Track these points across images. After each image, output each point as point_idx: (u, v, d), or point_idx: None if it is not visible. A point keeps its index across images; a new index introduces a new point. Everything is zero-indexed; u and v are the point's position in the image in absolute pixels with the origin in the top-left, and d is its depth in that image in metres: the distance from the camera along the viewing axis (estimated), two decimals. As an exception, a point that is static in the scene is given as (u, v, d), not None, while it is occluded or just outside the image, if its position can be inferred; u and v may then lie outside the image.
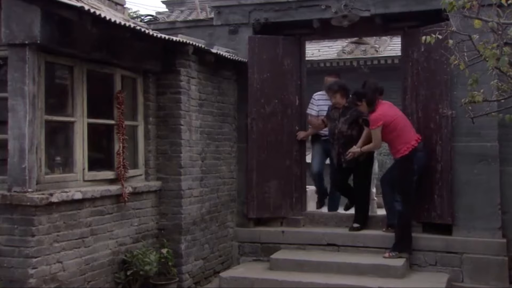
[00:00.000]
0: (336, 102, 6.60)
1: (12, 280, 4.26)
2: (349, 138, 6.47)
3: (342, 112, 6.56)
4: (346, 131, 6.50)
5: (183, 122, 5.91)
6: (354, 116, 6.47)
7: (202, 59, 6.24)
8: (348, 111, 6.51)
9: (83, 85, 5.02)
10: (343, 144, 6.49)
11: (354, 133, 6.48)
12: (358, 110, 6.31)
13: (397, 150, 6.00)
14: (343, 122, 6.53)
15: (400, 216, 6.04)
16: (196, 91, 6.19)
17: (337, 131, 6.55)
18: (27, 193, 4.30)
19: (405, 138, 5.97)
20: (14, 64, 4.38)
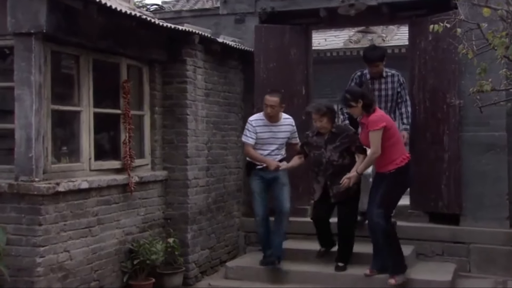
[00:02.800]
0: (322, 127, 5.58)
1: (20, 269, 4.28)
2: (339, 168, 5.51)
3: (328, 139, 5.59)
4: (337, 161, 5.55)
5: (189, 112, 5.90)
6: (346, 143, 5.56)
7: (208, 49, 6.22)
8: (337, 137, 5.57)
9: (89, 75, 5.01)
10: (332, 175, 5.54)
11: (346, 162, 5.55)
12: (350, 136, 5.58)
13: (392, 160, 5.20)
14: (333, 150, 5.55)
15: (387, 234, 5.27)
16: (202, 81, 6.17)
17: (325, 161, 5.57)
18: (34, 182, 4.31)
19: (401, 148, 5.34)
20: (20, 53, 4.37)
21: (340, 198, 5.57)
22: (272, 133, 5.87)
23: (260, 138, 5.85)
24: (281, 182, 5.86)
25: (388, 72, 6.18)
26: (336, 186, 5.49)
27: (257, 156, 5.85)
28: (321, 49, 12.18)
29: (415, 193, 6.52)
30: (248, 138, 5.86)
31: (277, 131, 5.89)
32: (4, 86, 4.74)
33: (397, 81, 6.15)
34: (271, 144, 5.87)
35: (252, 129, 5.85)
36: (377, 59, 6.07)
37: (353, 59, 12.29)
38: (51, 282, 4.38)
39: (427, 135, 6.36)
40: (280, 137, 5.90)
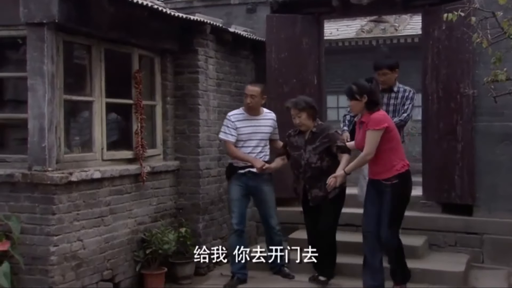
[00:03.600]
0: (301, 124, 5.06)
1: (34, 257, 4.32)
2: (318, 172, 5.05)
3: (308, 139, 5.09)
4: (316, 163, 5.04)
5: (201, 102, 5.90)
6: (326, 144, 5.05)
7: (220, 39, 6.21)
8: (317, 137, 5.05)
9: (101, 65, 5.02)
10: (310, 178, 5.07)
11: (325, 165, 5.05)
12: (330, 135, 5.08)
13: (392, 166, 4.64)
14: (311, 152, 5.06)
15: (399, 249, 4.91)
16: (213, 71, 6.16)
17: (303, 163, 5.07)
18: (47, 172, 4.33)
19: (401, 152, 4.79)
20: (32, 43, 4.37)
21: (319, 201, 5.09)
22: (254, 128, 5.40)
23: (241, 134, 5.35)
24: (267, 197, 5.45)
25: (400, 88, 5.72)
26: (315, 190, 5.07)
27: (240, 155, 5.34)
28: (333, 39, 12.12)
29: (427, 183, 6.48)
30: (227, 135, 5.36)
31: (259, 125, 5.43)
32: (17, 76, 4.77)
33: (406, 96, 5.67)
34: (254, 139, 5.38)
35: (232, 125, 5.35)
36: (384, 66, 5.67)
37: (365, 49, 12.26)
38: (65, 271, 4.41)
39: (440, 125, 6.30)
40: (263, 131, 5.43)
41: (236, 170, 5.38)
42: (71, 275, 4.47)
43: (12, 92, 5.41)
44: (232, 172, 5.43)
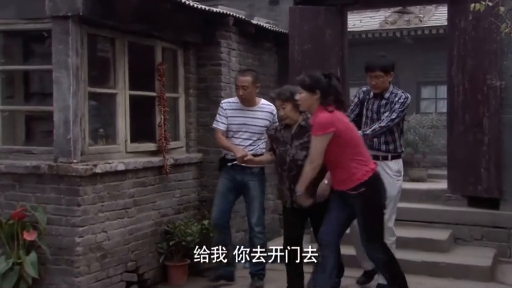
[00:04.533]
0: (286, 116, 4.52)
1: (60, 248, 4.38)
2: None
3: (295, 133, 4.51)
4: (302, 160, 4.36)
5: (223, 94, 5.89)
6: None
7: (243, 31, 6.19)
8: (306, 132, 4.43)
9: (124, 57, 5.04)
10: (295, 177, 4.36)
11: None
12: None
13: (352, 174, 4.03)
14: (298, 147, 4.46)
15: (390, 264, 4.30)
16: (236, 63, 6.15)
17: (288, 159, 4.48)
18: (72, 163, 4.37)
19: (362, 156, 4.11)
20: (57, 36, 4.41)
21: (303, 203, 4.33)
22: (246, 119, 5.04)
23: (231, 124, 5.04)
24: (251, 194, 5.04)
25: (392, 94, 4.81)
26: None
27: (224, 143, 5.06)
28: (356, 31, 11.98)
29: (453, 176, 6.39)
30: (218, 123, 5.09)
31: (253, 117, 5.03)
32: (43, 69, 4.83)
33: (396, 101, 4.76)
34: (245, 132, 5.03)
35: (223, 113, 5.08)
36: (378, 68, 4.73)
37: (389, 40, 12.08)
38: (90, 262, 4.46)
39: (465, 117, 6.20)
40: (255, 124, 5.02)
41: (226, 162, 5.10)
42: (96, 265, 4.52)
43: (37, 85, 5.50)
44: (222, 164, 5.17)
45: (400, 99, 4.76)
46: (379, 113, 4.80)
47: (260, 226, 5.04)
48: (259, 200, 5.08)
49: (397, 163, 4.85)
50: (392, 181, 4.73)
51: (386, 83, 4.79)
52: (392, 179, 4.74)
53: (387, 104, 4.78)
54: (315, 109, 4.13)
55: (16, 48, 5.13)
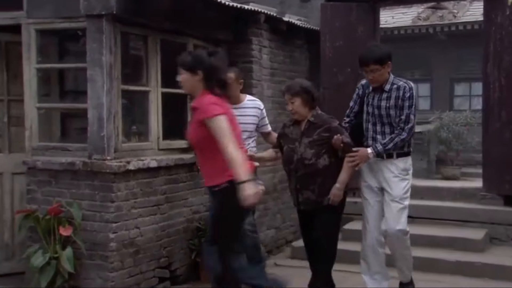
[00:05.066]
0: (295, 112, 4.28)
1: (95, 243, 4.45)
2: (312, 170, 4.19)
3: (305, 130, 4.28)
4: (310, 159, 4.18)
5: (255, 92, 5.89)
6: (325, 138, 4.20)
7: (274, 28, 6.18)
8: (316, 129, 4.23)
9: (157, 55, 5.07)
10: (302, 177, 4.21)
11: (322, 163, 4.18)
12: (333, 129, 4.20)
13: (224, 169, 3.53)
14: (307, 145, 4.21)
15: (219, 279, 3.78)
16: (267, 60, 6.14)
17: (296, 158, 4.24)
18: (106, 160, 4.43)
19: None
20: (92, 35, 4.47)
21: (311, 206, 4.26)
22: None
23: None
24: None
25: (394, 85, 4.34)
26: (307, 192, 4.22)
27: None
28: (388, 27, 11.85)
29: (488, 175, 6.26)
30: None
31: (240, 114, 4.57)
32: (78, 67, 4.90)
33: (401, 96, 4.27)
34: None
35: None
36: (372, 60, 4.23)
37: (421, 37, 11.92)
38: (124, 257, 4.52)
39: (502, 114, 6.07)
40: (244, 122, 4.66)
41: None
42: (129, 261, 4.57)
43: (72, 83, 5.59)
44: None
45: (406, 93, 4.26)
46: (380, 108, 4.35)
47: (252, 225, 4.64)
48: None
49: (404, 161, 4.39)
50: (397, 180, 4.34)
51: (384, 75, 4.31)
52: (397, 177, 4.34)
53: (389, 98, 4.31)
54: (199, 93, 3.66)
55: (52, 47, 5.22)
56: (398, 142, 4.25)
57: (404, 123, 4.24)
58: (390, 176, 4.35)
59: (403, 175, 4.38)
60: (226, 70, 3.82)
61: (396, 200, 4.32)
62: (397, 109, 4.27)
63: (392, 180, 4.34)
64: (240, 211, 3.60)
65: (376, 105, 4.36)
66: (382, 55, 4.28)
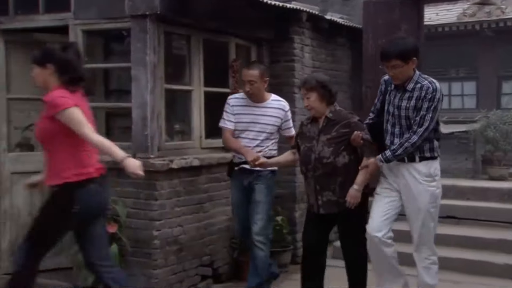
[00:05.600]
0: (310, 107, 4.05)
1: (139, 241, 4.51)
2: (331, 169, 3.96)
3: (323, 127, 4.05)
4: (328, 158, 3.96)
5: (296, 91, 5.84)
6: (344, 135, 3.97)
7: (316, 26, 6.15)
8: (334, 125, 4.01)
9: (199, 55, 5.11)
10: (321, 177, 4.00)
11: (341, 161, 3.96)
12: (353, 124, 3.99)
13: (60, 170, 3.39)
14: (325, 143, 4.00)
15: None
16: (309, 59, 6.11)
17: (314, 157, 4.02)
18: (149, 159, 4.48)
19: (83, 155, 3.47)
20: (136, 35, 4.53)
21: (332, 208, 4.01)
22: (254, 117, 4.53)
23: (239, 122, 4.54)
24: (255, 198, 4.46)
25: (417, 84, 3.88)
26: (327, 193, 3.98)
27: (232, 144, 4.54)
28: (432, 24, 11.61)
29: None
30: (225, 121, 4.58)
31: (261, 114, 4.53)
32: (122, 66, 4.98)
33: (422, 96, 3.83)
34: (252, 130, 4.51)
35: (230, 110, 4.57)
36: (394, 55, 3.83)
37: (467, 34, 11.64)
38: (167, 255, 4.57)
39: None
40: (264, 122, 4.51)
41: (235, 167, 4.55)
42: (172, 259, 4.62)
43: (116, 83, 5.69)
44: (231, 169, 4.61)
45: (427, 95, 3.81)
46: (400, 109, 3.92)
47: (262, 236, 4.42)
48: (264, 206, 4.46)
49: (428, 166, 3.92)
50: (422, 187, 3.90)
51: (407, 72, 3.88)
52: (421, 184, 3.90)
53: (411, 98, 3.87)
54: (51, 87, 3.46)
55: (97, 47, 5.33)
56: (408, 147, 3.83)
57: (418, 125, 3.81)
58: (411, 181, 3.91)
59: (428, 182, 3.92)
60: (80, 64, 3.62)
61: (422, 212, 3.89)
62: (416, 111, 3.85)
63: (418, 188, 3.90)
64: (64, 219, 3.43)
65: (397, 105, 3.95)
66: (406, 49, 3.86)
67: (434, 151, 3.96)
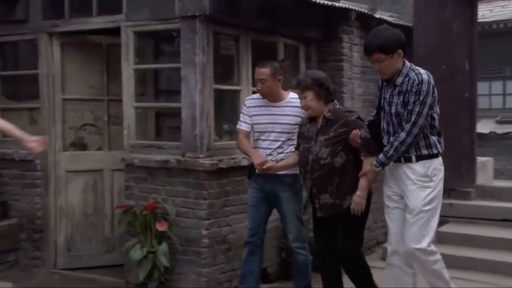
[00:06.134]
0: (307, 107, 3.90)
1: (188, 239, 4.56)
2: (328, 171, 3.79)
3: (321, 127, 3.88)
4: (325, 159, 3.79)
5: (345, 90, 5.82)
6: (342, 134, 3.79)
7: (365, 25, 6.05)
8: (332, 125, 3.83)
9: (248, 55, 5.12)
10: (318, 179, 3.84)
11: (339, 162, 3.78)
12: (351, 123, 3.80)
13: None
14: (322, 144, 3.82)
15: None
16: (358, 58, 6.04)
17: (311, 158, 3.85)
18: (199, 158, 4.52)
19: None
20: (186, 35, 4.58)
21: (329, 211, 3.86)
22: (273, 117, 4.26)
23: (257, 124, 4.30)
24: (284, 207, 4.28)
25: (406, 77, 3.64)
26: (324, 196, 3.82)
27: (243, 147, 4.35)
28: (486, 21, 11.29)
29: None
30: (240, 123, 4.37)
31: (279, 114, 4.26)
32: (172, 67, 5.05)
33: (409, 89, 3.58)
34: (271, 132, 4.25)
35: (246, 111, 4.35)
36: (374, 49, 3.63)
37: (522, 31, 11.28)
38: (216, 254, 4.60)
39: None
40: (283, 122, 4.23)
41: (254, 169, 4.30)
42: (221, 258, 4.65)
43: (166, 83, 5.78)
44: (251, 171, 4.37)
45: (413, 88, 3.55)
46: (391, 105, 3.67)
47: (298, 242, 4.30)
48: (294, 213, 4.29)
49: (427, 165, 3.65)
50: (415, 188, 3.65)
51: (393, 66, 3.63)
52: (415, 185, 3.64)
53: (401, 93, 3.62)
54: None
55: (148, 48, 5.42)
56: (397, 146, 3.57)
57: (406, 121, 3.56)
58: (407, 183, 3.67)
59: (424, 182, 3.65)
60: None
61: (414, 212, 3.64)
62: (405, 106, 3.59)
63: (410, 188, 3.66)
64: None
65: (388, 101, 3.71)
66: (388, 42, 3.60)
67: (432, 147, 3.68)
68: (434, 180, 3.67)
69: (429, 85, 3.57)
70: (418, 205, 3.63)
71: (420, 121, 3.54)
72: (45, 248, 5.44)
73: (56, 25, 5.36)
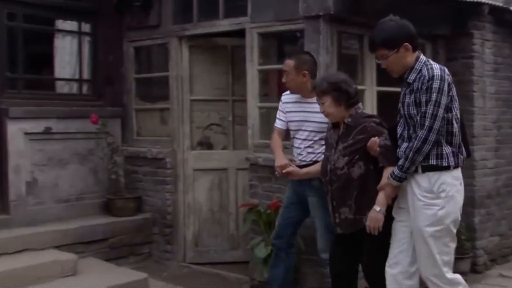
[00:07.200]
0: (327, 113, 3.57)
1: (312, 239, 4.43)
2: (345, 181, 3.44)
3: (342, 134, 3.55)
4: (342, 169, 3.44)
5: (476, 89, 5.52)
6: (360, 142, 3.43)
7: (499, 19, 5.71)
8: (351, 131, 3.49)
9: (372, 54, 5.02)
10: (336, 191, 3.49)
11: (356, 172, 3.42)
12: (369, 129, 3.42)
13: None
14: (341, 152, 3.48)
15: None
16: (490, 55, 5.70)
17: (329, 167, 3.52)
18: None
19: None
20: (309, 35, 4.59)
21: (349, 227, 3.47)
22: (306, 114, 4.00)
23: (291, 121, 4.08)
24: (312, 213, 4.04)
25: (418, 73, 3.19)
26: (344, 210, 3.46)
27: (272, 146, 4.17)
28: None
29: None
30: (276, 121, 4.18)
31: (310, 111, 3.95)
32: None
33: (420, 87, 3.13)
34: (304, 130, 4.00)
35: (281, 108, 4.14)
36: (376, 44, 3.27)
37: None
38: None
39: None
40: (314, 120, 3.95)
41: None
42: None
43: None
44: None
45: (423, 85, 3.09)
46: (403, 106, 3.25)
47: (327, 253, 3.84)
48: (323, 220, 3.91)
49: (433, 179, 3.14)
50: (419, 204, 3.16)
51: (402, 62, 3.21)
52: (419, 201, 3.16)
53: (412, 92, 3.17)
54: None
55: (271, 48, 5.51)
56: (413, 157, 3.10)
57: (420, 127, 3.10)
58: (413, 198, 3.20)
59: (428, 199, 3.14)
60: None
61: (421, 233, 3.15)
62: (417, 108, 3.13)
63: (415, 205, 3.18)
64: None
65: (402, 102, 3.29)
66: (391, 35, 3.19)
67: (444, 159, 3.13)
68: (441, 197, 3.12)
69: (441, 81, 3.08)
70: (420, 225, 3.15)
71: (436, 125, 3.06)
72: (175, 243, 5.72)
73: (185, 29, 5.62)
